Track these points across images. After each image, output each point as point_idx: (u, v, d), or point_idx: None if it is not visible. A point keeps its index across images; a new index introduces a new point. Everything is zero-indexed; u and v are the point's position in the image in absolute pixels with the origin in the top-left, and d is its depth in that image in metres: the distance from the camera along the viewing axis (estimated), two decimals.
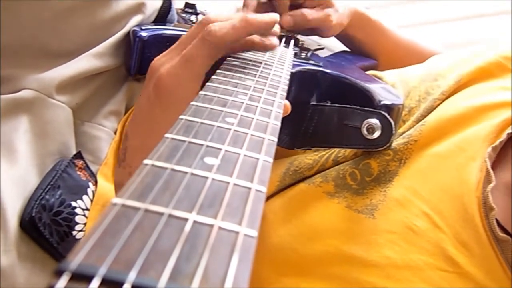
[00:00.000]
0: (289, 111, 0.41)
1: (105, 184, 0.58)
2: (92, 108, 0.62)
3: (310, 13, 0.68)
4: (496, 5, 1.15)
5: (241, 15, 0.44)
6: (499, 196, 0.46)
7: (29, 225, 0.50)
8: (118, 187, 0.49)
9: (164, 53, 0.46)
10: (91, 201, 0.56)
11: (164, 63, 0.44)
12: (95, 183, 0.57)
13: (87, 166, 0.58)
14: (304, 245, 0.50)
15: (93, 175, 0.58)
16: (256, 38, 0.48)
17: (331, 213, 0.50)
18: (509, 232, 0.45)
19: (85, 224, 0.54)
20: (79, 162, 0.57)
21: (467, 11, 1.20)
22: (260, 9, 0.70)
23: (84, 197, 0.55)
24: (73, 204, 0.53)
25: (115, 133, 0.63)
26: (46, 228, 0.51)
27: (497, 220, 0.45)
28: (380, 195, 0.49)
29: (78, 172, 0.56)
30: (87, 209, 0.55)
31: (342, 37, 0.75)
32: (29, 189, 0.52)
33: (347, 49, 0.78)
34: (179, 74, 0.42)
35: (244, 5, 0.71)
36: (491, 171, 0.46)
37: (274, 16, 0.46)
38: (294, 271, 0.50)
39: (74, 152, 0.57)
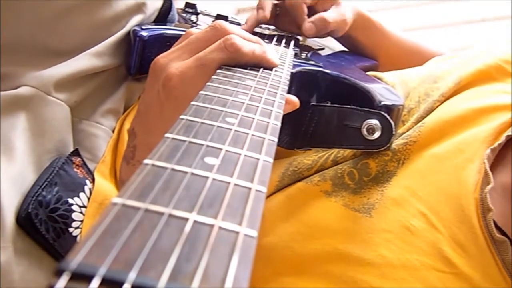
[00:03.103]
0: (297, 106, 0.41)
1: (102, 182, 0.58)
2: (91, 106, 0.62)
3: (329, 16, 0.67)
4: (497, 10, 1.15)
5: (262, 47, 0.44)
6: (497, 197, 0.47)
7: (25, 221, 0.50)
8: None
9: (170, 51, 0.45)
10: (88, 198, 0.56)
11: (171, 61, 0.43)
12: (92, 181, 0.57)
13: (84, 164, 0.58)
14: (301, 244, 0.50)
15: (90, 173, 0.58)
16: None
17: (328, 212, 0.50)
18: (506, 234, 0.45)
19: (81, 221, 0.54)
20: (76, 159, 0.57)
21: (468, 16, 1.20)
22: (274, 11, 0.70)
23: (81, 194, 0.55)
24: (70, 201, 0.53)
25: (113, 131, 0.63)
26: (43, 224, 0.51)
27: (494, 222, 0.45)
28: (378, 194, 0.49)
29: (75, 170, 0.56)
30: (84, 207, 0.55)
31: (343, 38, 0.75)
32: (26, 186, 0.52)
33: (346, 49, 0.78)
34: (194, 76, 0.41)
35: (259, 7, 0.70)
36: (490, 173, 0.46)
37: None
38: (291, 270, 0.50)
39: (72, 150, 0.58)
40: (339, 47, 0.78)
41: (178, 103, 0.41)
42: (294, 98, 0.41)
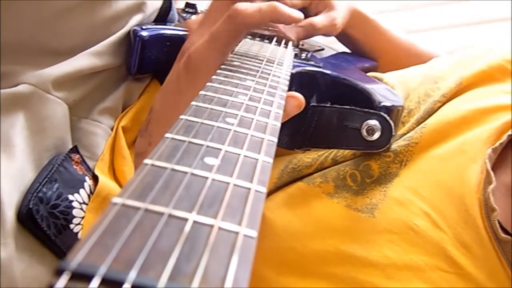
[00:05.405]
0: (303, 106, 0.42)
1: (104, 179, 0.58)
2: (89, 105, 0.62)
3: (318, 21, 0.67)
4: (497, 12, 1.15)
5: (271, 3, 0.45)
6: (501, 197, 0.47)
7: (26, 217, 0.50)
8: (138, 156, 0.51)
9: (194, 31, 0.48)
10: (88, 195, 0.56)
11: (195, 42, 0.46)
12: (92, 178, 0.57)
13: (83, 161, 0.58)
14: (303, 244, 0.50)
15: (89, 170, 0.58)
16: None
17: (330, 212, 0.51)
18: (510, 233, 0.45)
19: (82, 218, 0.54)
20: (75, 156, 0.57)
21: (467, 18, 1.20)
22: None
23: (81, 191, 0.55)
24: (70, 197, 0.54)
25: (111, 130, 0.63)
26: (44, 220, 0.51)
27: (498, 221, 0.45)
28: (380, 194, 0.50)
29: (75, 166, 0.56)
30: (84, 203, 0.55)
31: (340, 36, 0.75)
32: (26, 183, 0.52)
33: (347, 49, 0.78)
34: (207, 52, 0.45)
35: None
36: (492, 172, 0.47)
37: (300, 14, 0.46)
38: (293, 270, 0.50)
39: (70, 148, 0.58)
40: (342, 48, 0.78)
41: (193, 76, 0.45)
42: (299, 95, 0.42)
